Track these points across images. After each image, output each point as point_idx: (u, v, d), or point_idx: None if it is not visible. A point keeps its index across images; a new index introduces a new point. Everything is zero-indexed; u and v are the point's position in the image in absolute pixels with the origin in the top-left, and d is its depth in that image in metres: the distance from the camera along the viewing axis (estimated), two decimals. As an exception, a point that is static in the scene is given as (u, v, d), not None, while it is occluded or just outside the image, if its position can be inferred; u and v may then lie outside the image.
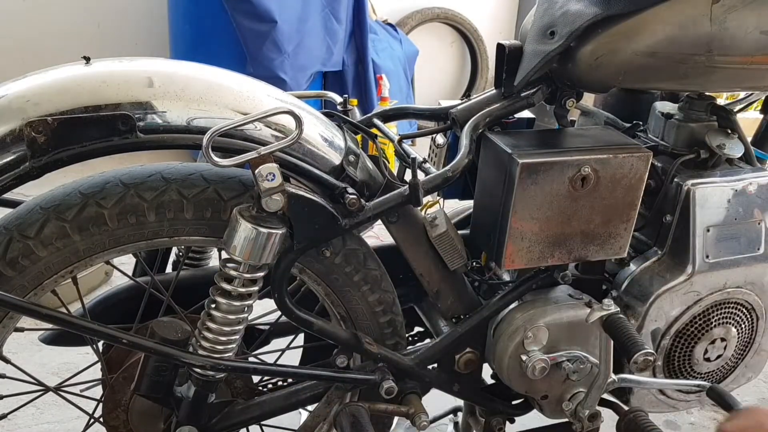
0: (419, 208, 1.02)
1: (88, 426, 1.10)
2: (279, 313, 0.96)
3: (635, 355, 0.94)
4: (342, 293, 1.00)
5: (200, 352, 0.91)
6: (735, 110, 1.16)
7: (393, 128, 1.33)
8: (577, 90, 1.06)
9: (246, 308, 0.91)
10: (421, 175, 0.95)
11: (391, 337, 1.07)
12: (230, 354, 0.93)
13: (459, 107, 1.08)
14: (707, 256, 1.10)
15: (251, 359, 1.11)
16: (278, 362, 1.04)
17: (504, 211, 0.98)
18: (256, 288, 0.89)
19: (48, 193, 0.85)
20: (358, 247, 0.98)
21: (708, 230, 1.10)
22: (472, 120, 1.03)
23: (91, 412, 1.09)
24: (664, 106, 1.17)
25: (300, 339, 1.19)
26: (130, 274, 1.14)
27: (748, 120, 1.32)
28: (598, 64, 0.97)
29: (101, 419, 1.05)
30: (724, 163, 1.14)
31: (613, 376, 1.07)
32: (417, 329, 1.29)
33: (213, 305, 0.90)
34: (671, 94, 1.23)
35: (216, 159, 0.75)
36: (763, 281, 1.17)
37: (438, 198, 1.14)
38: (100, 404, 1.05)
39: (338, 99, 1.22)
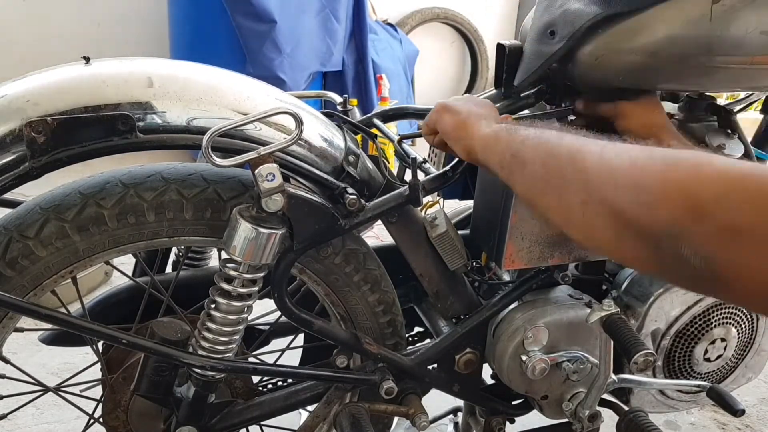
0: (419, 208, 1.02)
1: (87, 426, 1.10)
2: (279, 313, 0.96)
3: (635, 355, 0.94)
4: (342, 293, 1.00)
5: (200, 352, 0.91)
6: (735, 110, 1.16)
7: (393, 128, 1.33)
8: (577, 90, 1.06)
9: (246, 308, 0.91)
10: (421, 175, 0.95)
11: (391, 337, 1.07)
12: (230, 354, 0.93)
13: (459, 107, 1.08)
14: (707, 256, 1.10)
15: (251, 359, 1.11)
16: (278, 362, 1.04)
17: (504, 212, 0.98)
18: (255, 288, 0.89)
19: (48, 193, 0.85)
20: (358, 247, 0.98)
21: (708, 230, 1.10)
22: (472, 120, 1.03)
23: (90, 413, 1.08)
24: (664, 107, 1.17)
25: (300, 339, 1.19)
26: (130, 274, 1.14)
27: (748, 120, 1.32)
28: (598, 64, 0.97)
29: (101, 419, 1.05)
30: (724, 163, 1.14)
31: (613, 377, 1.07)
32: (417, 329, 1.29)
33: (213, 305, 0.89)
34: (671, 94, 1.23)
35: (216, 159, 0.75)
36: (764, 281, 1.17)
37: (438, 198, 1.14)
38: (100, 404, 1.05)
39: (338, 99, 1.22)
